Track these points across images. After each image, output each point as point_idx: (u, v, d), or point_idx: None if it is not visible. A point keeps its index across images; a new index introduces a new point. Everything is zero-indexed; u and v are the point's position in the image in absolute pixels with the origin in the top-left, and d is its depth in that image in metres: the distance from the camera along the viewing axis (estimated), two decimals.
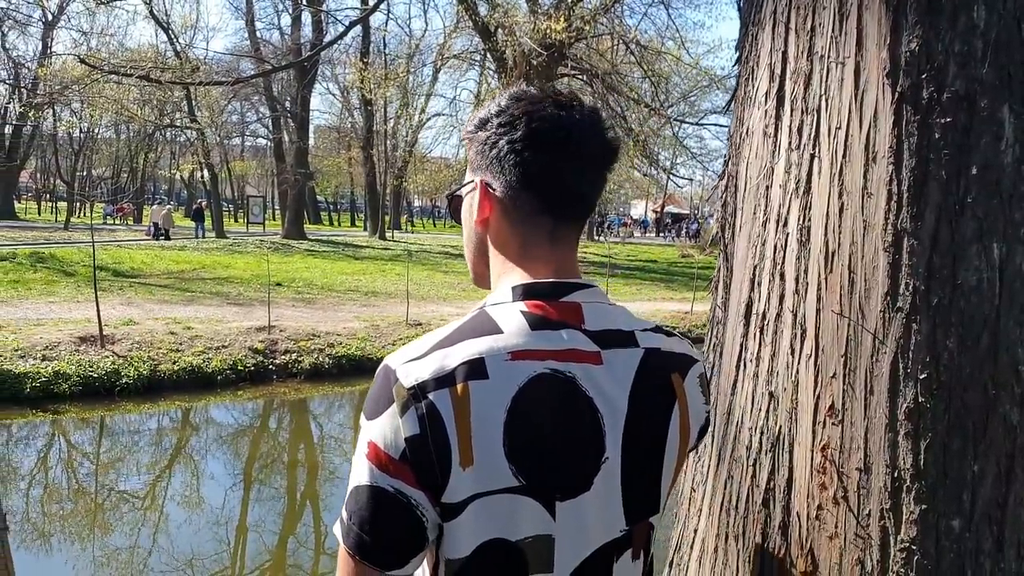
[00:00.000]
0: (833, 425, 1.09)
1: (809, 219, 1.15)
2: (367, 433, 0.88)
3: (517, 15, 16.79)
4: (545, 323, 0.91)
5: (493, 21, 16.85)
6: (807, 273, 1.14)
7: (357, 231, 40.33)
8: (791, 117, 1.20)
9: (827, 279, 1.11)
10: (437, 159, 38.34)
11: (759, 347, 1.24)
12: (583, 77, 20.27)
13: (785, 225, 1.19)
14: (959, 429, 1.00)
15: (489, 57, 20.88)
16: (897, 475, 1.02)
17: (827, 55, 1.13)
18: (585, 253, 28.00)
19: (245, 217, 39.47)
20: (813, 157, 1.15)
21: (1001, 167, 0.99)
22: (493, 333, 0.89)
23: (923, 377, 1.01)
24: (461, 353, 0.87)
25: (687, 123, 25.59)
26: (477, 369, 0.86)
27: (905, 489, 1.02)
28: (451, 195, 1.09)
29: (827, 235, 1.11)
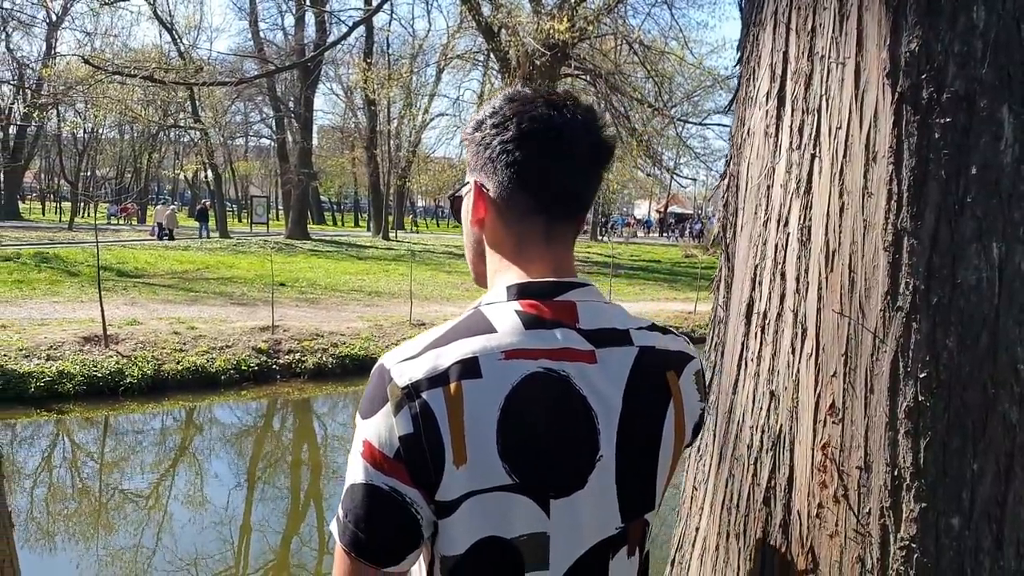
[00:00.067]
0: (833, 424, 1.09)
1: (810, 219, 1.15)
2: (362, 432, 0.88)
3: (520, 15, 16.80)
4: (539, 322, 0.91)
5: (496, 21, 16.86)
6: (808, 272, 1.15)
7: (360, 231, 40.35)
8: (792, 117, 1.20)
9: (828, 278, 1.11)
10: (440, 159, 38.34)
11: (760, 346, 1.24)
12: (586, 77, 20.27)
13: (786, 225, 1.20)
14: (959, 428, 1.01)
15: (492, 57, 20.90)
16: (897, 473, 1.03)
17: (828, 55, 1.13)
18: (589, 253, 28.00)
19: (249, 217, 39.49)
20: (814, 157, 1.15)
21: (1000, 167, 1.00)
22: (487, 332, 0.90)
23: (923, 376, 1.01)
24: (455, 352, 0.88)
25: (691, 123, 25.66)
26: (470, 368, 0.86)
27: (905, 487, 1.02)
28: (452, 196, 1.10)
29: (828, 235, 1.12)
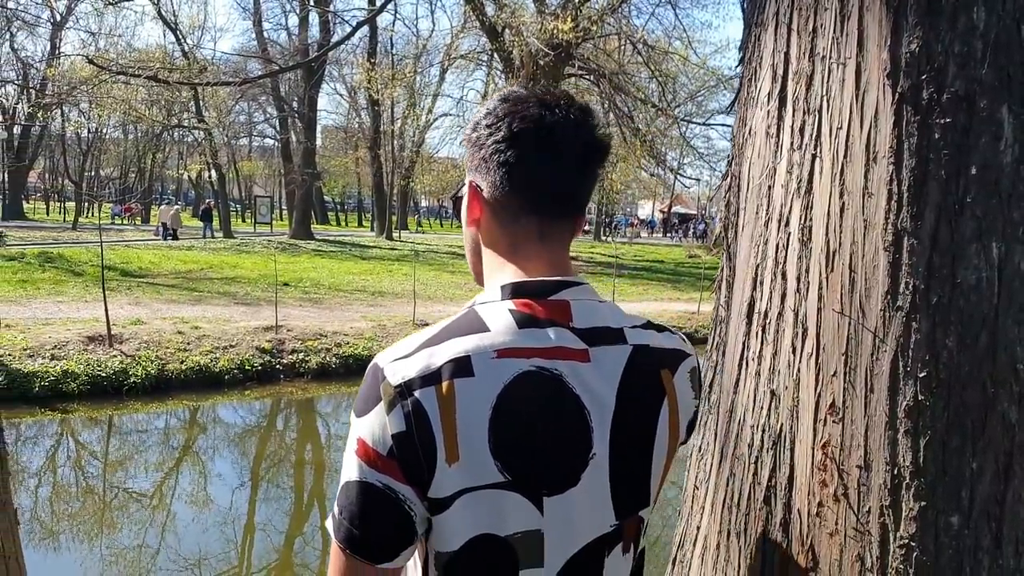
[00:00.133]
0: (834, 423, 1.10)
1: (810, 219, 1.15)
2: (356, 430, 0.89)
3: (524, 15, 16.80)
4: (532, 321, 0.92)
5: (500, 21, 16.86)
6: (808, 272, 1.15)
7: (364, 231, 40.41)
8: (793, 117, 1.21)
9: (828, 278, 1.12)
10: (444, 159, 38.35)
11: (761, 346, 1.25)
12: (590, 77, 20.29)
13: (787, 225, 1.20)
14: (958, 427, 1.01)
15: (496, 57, 20.93)
16: (897, 472, 1.03)
17: (829, 56, 1.14)
18: (592, 253, 28.00)
19: (252, 217, 39.59)
20: (815, 157, 1.15)
21: (1000, 167, 1.00)
22: (480, 331, 0.90)
23: (923, 375, 1.02)
24: (447, 351, 0.88)
25: (694, 123, 25.64)
26: (463, 367, 0.87)
27: (904, 486, 1.03)
28: (454, 197, 1.11)
29: (828, 235, 1.12)
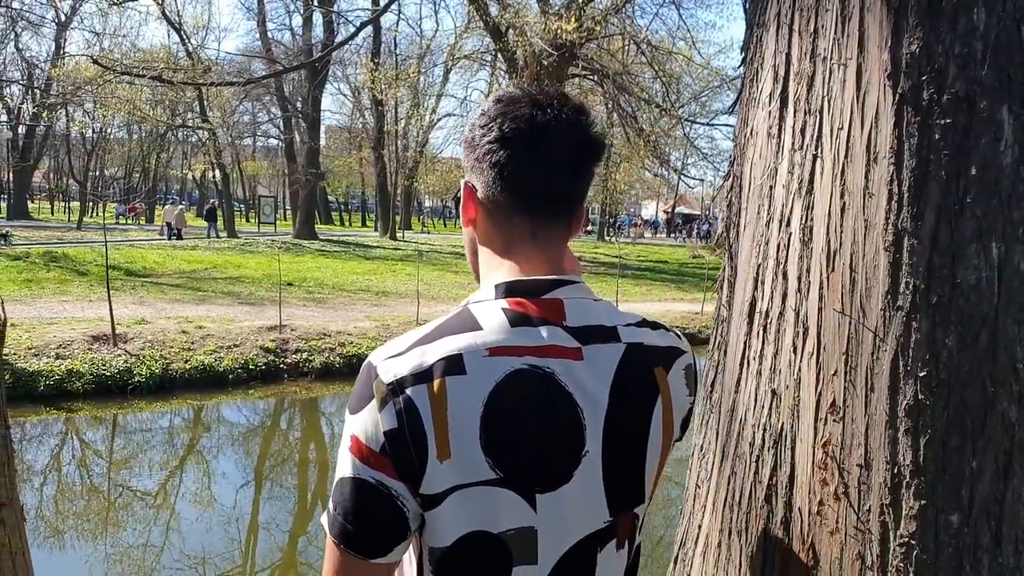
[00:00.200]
0: (834, 422, 1.10)
1: (811, 219, 1.16)
2: (350, 427, 0.90)
3: (528, 15, 16.79)
4: (525, 320, 0.93)
5: (504, 21, 16.84)
6: (809, 272, 1.15)
7: (368, 231, 40.44)
8: (794, 118, 1.21)
9: (829, 278, 1.12)
10: (447, 159, 38.41)
11: (762, 345, 1.25)
12: (594, 78, 20.29)
13: (788, 225, 1.21)
14: (958, 426, 1.01)
15: (500, 57, 20.90)
16: (897, 471, 1.04)
17: (829, 57, 1.14)
18: (596, 253, 27.99)
19: (256, 217, 39.65)
20: (815, 158, 1.16)
21: (1000, 167, 1.00)
22: (473, 330, 0.91)
23: (923, 375, 1.02)
24: (440, 350, 0.89)
25: (698, 123, 25.57)
26: (455, 365, 0.88)
27: (905, 485, 1.03)
28: (456, 197, 1.12)
29: (829, 235, 1.12)
